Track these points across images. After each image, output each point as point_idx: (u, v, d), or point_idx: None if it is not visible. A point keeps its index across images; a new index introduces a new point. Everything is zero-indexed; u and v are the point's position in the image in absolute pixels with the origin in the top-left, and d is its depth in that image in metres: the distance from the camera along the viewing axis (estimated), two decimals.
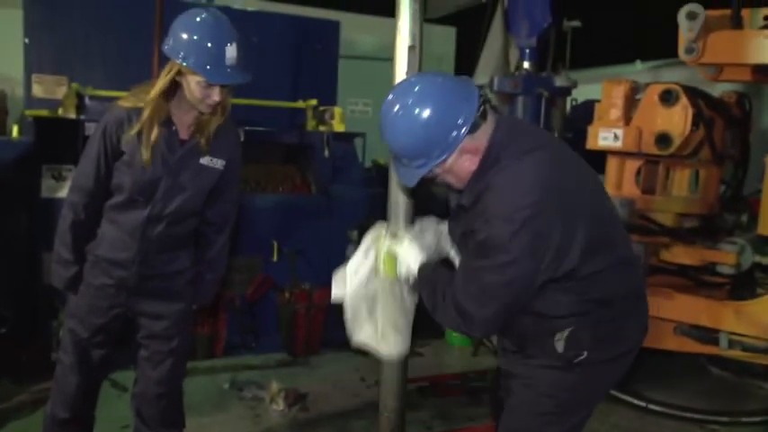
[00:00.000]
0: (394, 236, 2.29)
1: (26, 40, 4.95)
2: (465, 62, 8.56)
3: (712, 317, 3.92)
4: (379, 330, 2.31)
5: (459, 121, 1.84)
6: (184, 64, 2.31)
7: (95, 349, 2.64)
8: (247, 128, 4.97)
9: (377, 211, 3.39)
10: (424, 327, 4.96)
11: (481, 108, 1.88)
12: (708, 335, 3.95)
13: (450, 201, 2.16)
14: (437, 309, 2.00)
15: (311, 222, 4.94)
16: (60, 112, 4.46)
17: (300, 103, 5.41)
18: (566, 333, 1.96)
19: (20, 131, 4.79)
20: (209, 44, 2.31)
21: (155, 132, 2.41)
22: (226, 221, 2.74)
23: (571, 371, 1.99)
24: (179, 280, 2.65)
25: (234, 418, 3.69)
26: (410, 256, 2.17)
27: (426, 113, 1.83)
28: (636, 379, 4.22)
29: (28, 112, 4.50)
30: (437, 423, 3.75)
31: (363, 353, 4.38)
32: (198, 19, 2.35)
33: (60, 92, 4.76)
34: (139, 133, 2.41)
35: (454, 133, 1.84)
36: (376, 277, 2.30)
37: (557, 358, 1.99)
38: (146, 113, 2.40)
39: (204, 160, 2.53)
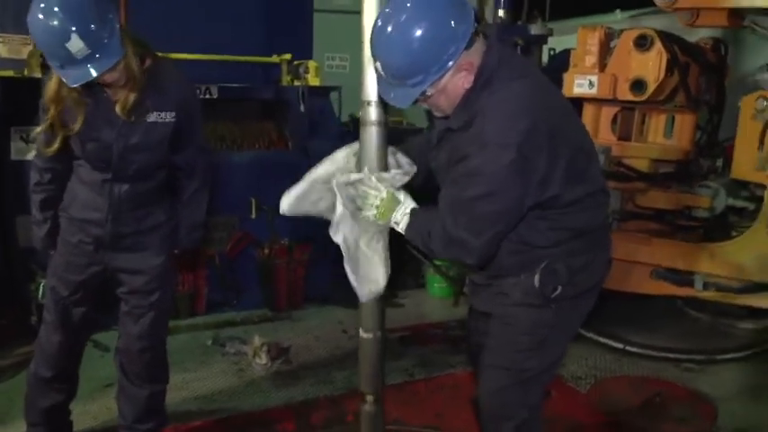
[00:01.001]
0: (380, 179, 2.10)
1: None
2: None
3: (687, 259, 3.99)
4: (360, 273, 2.20)
5: (458, 35, 1.80)
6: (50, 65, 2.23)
7: (76, 307, 2.64)
8: (222, 84, 4.92)
9: None
10: (405, 278, 5.11)
11: (475, 24, 1.85)
12: (683, 277, 4.03)
13: (433, 128, 2.14)
14: (432, 247, 1.98)
15: (289, 178, 4.87)
16: (26, 72, 4.35)
17: (275, 58, 5.31)
18: (542, 265, 2.00)
19: None
20: (49, 46, 2.17)
21: (78, 122, 2.37)
22: (194, 166, 2.69)
23: (547, 307, 2.03)
24: (155, 234, 2.64)
25: (217, 372, 3.72)
26: (395, 203, 2.07)
27: (423, 27, 1.77)
28: (614, 323, 4.31)
29: None
30: (418, 371, 3.81)
31: (345, 306, 4.51)
32: (31, 18, 2.15)
33: (26, 51, 4.64)
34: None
35: (452, 47, 1.80)
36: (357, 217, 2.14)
37: (534, 295, 2.02)
38: (51, 112, 2.36)
39: (151, 117, 2.46)
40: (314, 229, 4.84)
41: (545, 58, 6.31)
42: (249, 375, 3.70)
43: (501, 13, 4.41)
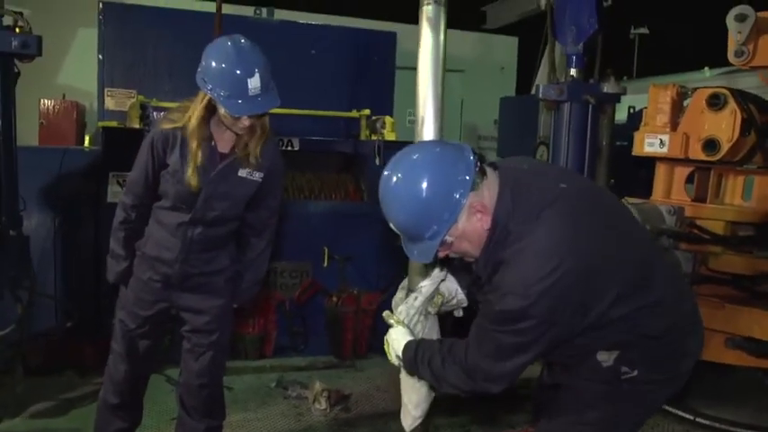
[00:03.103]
0: (389, 317, 2.27)
1: (100, 56, 5.33)
2: (527, 72, 8.55)
3: (765, 328, 3.78)
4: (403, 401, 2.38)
5: (460, 179, 1.81)
6: (210, 94, 2.49)
7: (141, 340, 2.85)
8: (303, 137, 5.19)
9: None
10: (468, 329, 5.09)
11: (478, 165, 1.85)
12: (761, 347, 3.81)
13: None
14: (437, 377, 1.99)
15: (361, 229, 5.07)
16: (127, 123, 4.77)
17: (354, 113, 5.57)
18: (614, 355, 1.93)
19: (91, 142, 5.16)
20: (231, 76, 2.45)
21: (199, 156, 2.60)
22: (265, 227, 2.90)
23: (618, 386, 1.95)
24: (219, 277, 2.83)
25: (277, 414, 3.84)
26: (397, 340, 2.16)
27: (426, 179, 1.80)
28: (686, 392, 4.11)
29: (100, 124, 4.84)
30: (475, 427, 3.78)
31: None
32: (222, 49, 2.50)
33: (129, 104, 5.09)
34: (183, 151, 2.61)
35: (458, 192, 1.80)
36: None
37: (604, 373, 1.95)
38: (193, 144, 2.59)
39: (243, 173, 2.70)
40: (384, 280, 5.01)
41: (623, 116, 6.27)
42: (307, 420, 3.80)
43: (573, 72, 4.44)
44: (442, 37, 2.39)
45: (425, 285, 2.25)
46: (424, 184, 1.79)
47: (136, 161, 2.74)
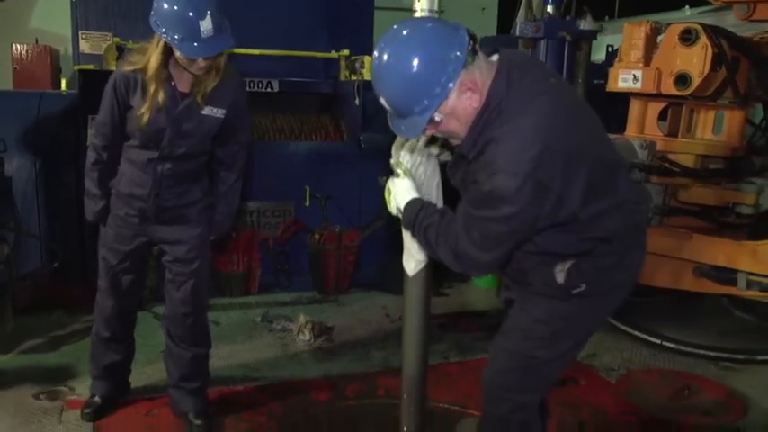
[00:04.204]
0: (397, 164, 2.29)
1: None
2: (508, 13, 8.49)
3: (730, 257, 3.94)
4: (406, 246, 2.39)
5: (452, 56, 1.81)
6: (164, 38, 2.53)
7: (124, 275, 2.95)
8: (282, 78, 5.20)
9: None
10: (450, 270, 5.23)
11: (471, 42, 1.88)
12: (726, 275, 3.98)
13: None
14: (430, 247, 2.07)
15: (342, 169, 5.15)
16: (104, 65, 4.73)
17: (333, 54, 5.55)
18: (567, 265, 2.04)
19: (68, 86, 5.13)
20: (183, 18, 2.49)
21: (160, 97, 2.65)
22: (235, 161, 2.99)
23: (567, 301, 2.07)
24: (192, 209, 2.92)
25: (263, 346, 3.98)
26: (400, 193, 2.20)
27: (418, 53, 1.81)
28: (654, 319, 4.33)
29: (76, 67, 4.80)
30: (453, 354, 3.95)
31: (390, 292, 4.69)
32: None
33: (104, 47, 5.03)
34: (144, 93, 2.66)
35: (450, 67, 1.81)
36: None
37: (556, 288, 2.06)
38: (151, 88, 2.63)
39: (205, 110, 2.76)
40: (364, 217, 5.12)
41: (602, 55, 6.31)
42: (292, 349, 3.95)
43: (549, 8, 4.47)
44: None
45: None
46: (416, 59, 1.80)
47: (101, 104, 2.79)
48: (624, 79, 4.07)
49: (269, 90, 5.18)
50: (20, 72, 5.72)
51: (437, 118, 1.88)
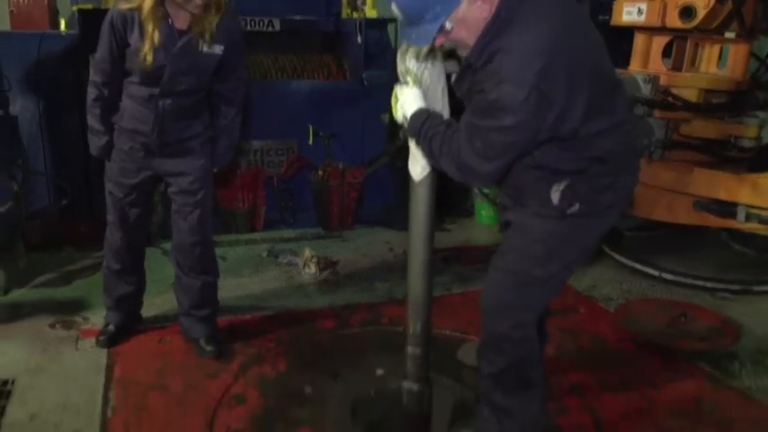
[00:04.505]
0: (407, 72, 2.25)
1: None
2: None
3: (730, 190, 3.98)
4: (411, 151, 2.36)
5: None
6: None
7: (131, 208, 3.02)
8: (284, 17, 5.15)
9: None
10: (453, 206, 5.29)
11: None
12: (725, 208, 4.03)
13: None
14: (433, 157, 2.13)
15: (345, 107, 5.16)
16: (102, 4, 4.70)
17: None
18: (562, 185, 2.09)
19: (67, 26, 5.10)
20: None
21: (156, 36, 2.66)
22: (235, 96, 3.02)
23: (562, 220, 2.13)
24: (195, 142, 2.97)
25: (269, 278, 4.08)
26: (408, 101, 2.21)
27: None
28: (654, 252, 4.39)
29: (74, 7, 4.77)
30: (456, 285, 4.04)
31: (394, 228, 4.76)
32: None
33: None
34: (142, 31, 2.67)
35: None
36: None
37: (551, 208, 2.13)
38: (149, 26, 2.63)
39: (203, 47, 2.77)
40: (368, 155, 5.15)
41: None
42: (298, 282, 4.04)
43: None
44: None
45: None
46: None
47: (99, 41, 2.80)
48: (629, 12, 4.04)
49: (270, 29, 5.13)
50: (17, 15, 5.67)
51: (448, 26, 1.92)
